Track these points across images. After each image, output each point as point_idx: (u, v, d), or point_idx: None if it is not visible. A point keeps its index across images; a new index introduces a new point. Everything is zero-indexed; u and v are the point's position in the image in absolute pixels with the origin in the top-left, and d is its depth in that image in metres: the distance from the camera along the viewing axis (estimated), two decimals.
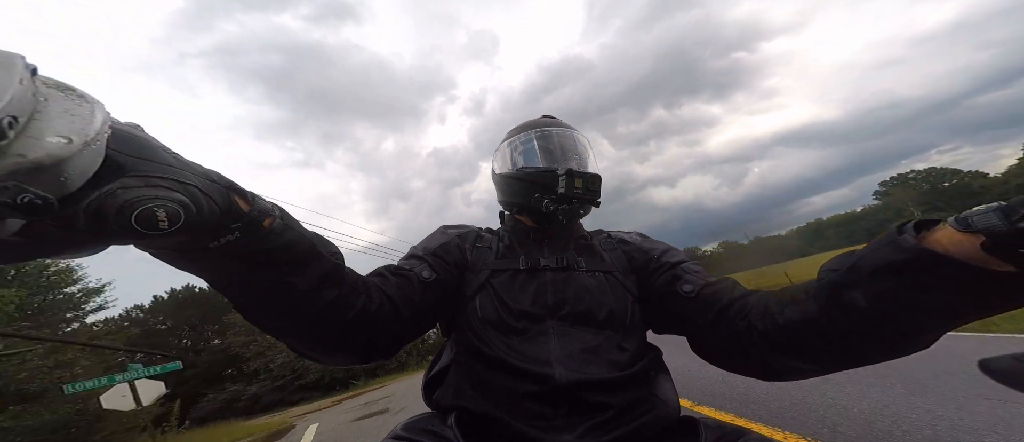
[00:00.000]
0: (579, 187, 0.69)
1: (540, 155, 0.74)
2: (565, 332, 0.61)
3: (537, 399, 0.55)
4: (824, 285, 0.44)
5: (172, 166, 0.32)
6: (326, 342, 0.52)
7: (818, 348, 0.47)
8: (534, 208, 0.72)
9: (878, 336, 0.41)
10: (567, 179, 0.68)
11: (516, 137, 0.79)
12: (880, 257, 0.37)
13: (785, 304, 0.49)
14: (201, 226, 0.33)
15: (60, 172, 0.24)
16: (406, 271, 0.64)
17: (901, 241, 0.36)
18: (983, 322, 5.34)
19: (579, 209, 0.71)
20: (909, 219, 0.39)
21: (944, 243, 0.33)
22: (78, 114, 0.26)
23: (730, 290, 0.59)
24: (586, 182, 0.69)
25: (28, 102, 0.24)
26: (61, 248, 0.28)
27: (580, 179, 0.69)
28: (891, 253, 0.36)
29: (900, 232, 0.37)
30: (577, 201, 0.69)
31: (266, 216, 0.41)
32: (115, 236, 0.29)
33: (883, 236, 0.39)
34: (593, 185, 0.69)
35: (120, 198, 0.28)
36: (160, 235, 0.30)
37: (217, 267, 0.40)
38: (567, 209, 0.70)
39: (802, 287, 0.49)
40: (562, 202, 0.69)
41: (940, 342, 0.42)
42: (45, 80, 0.26)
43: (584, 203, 0.70)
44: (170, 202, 0.30)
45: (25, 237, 0.26)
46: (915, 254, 0.34)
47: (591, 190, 0.69)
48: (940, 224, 0.34)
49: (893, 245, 0.36)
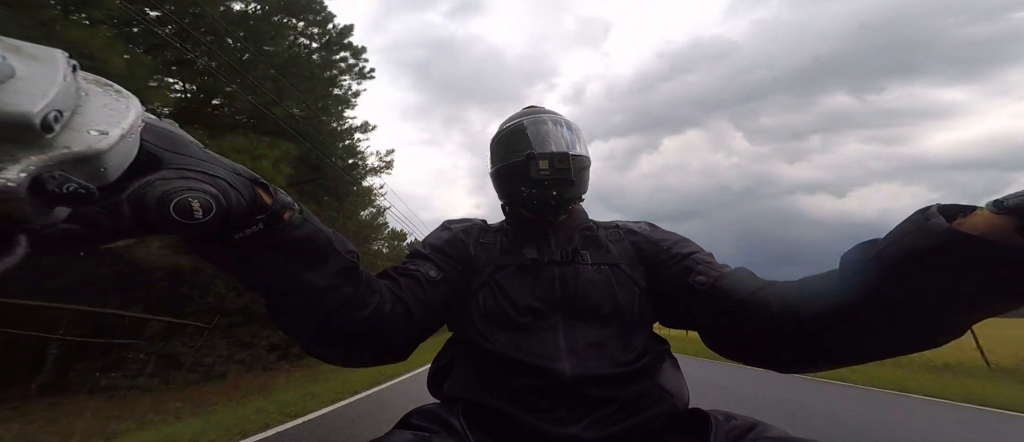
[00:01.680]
0: (545, 168, 0.68)
1: (512, 147, 0.75)
2: (571, 326, 0.61)
3: (543, 393, 0.56)
4: (848, 275, 0.43)
5: (203, 160, 0.34)
6: (340, 341, 0.53)
7: (843, 339, 0.46)
8: (518, 198, 0.73)
9: (906, 326, 0.41)
10: (529, 163, 0.68)
11: (496, 133, 0.80)
12: (908, 244, 0.36)
13: (807, 295, 0.49)
14: (230, 217, 0.35)
15: (100, 163, 0.25)
16: (413, 271, 0.65)
17: (930, 226, 0.34)
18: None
19: (552, 191, 0.69)
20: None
21: (980, 227, 0.32)
22: (115, 108, 0.28)
23: (747, 281, 0.58)
24: (552, 161, 0.68)
25: (71, 97, 0.25)
26: (111, 236, 0.30)
27: (545, 160, 0.68)
28: (920, 239, 0.35)
29: (926, 218, 0.36)
30: (548, 183, 0.69)
31: (287, 209, 0.43)
32: (155, 225, 0.31)
33: (907, 223, 0.38)
34: (560, 163, 0.68)
35: (159, 189, 0.30)
36: (194, 225, 0.32)
37: (241, 260, 0.42)
38: (536, 193, 0.70)
39: (823, 278, 0.48)
40: (533, 186, 0.69)
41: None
42: (85, 76, 0.28)
43: (555, 184, 0.69)
44: (203, 194, 0.32)
45: (80, 225, 0.28)
46: (947, 239, 0.33)
47: (558, 168, 0.68)
48: (975, 209, 0.34)
49: (922, 231, 0.35)
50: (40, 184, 0.22)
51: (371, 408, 4.27)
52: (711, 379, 6.03)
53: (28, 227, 0.24)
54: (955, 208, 0.35)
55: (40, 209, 0.23)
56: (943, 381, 5.68)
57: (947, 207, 0.36)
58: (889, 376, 6.01)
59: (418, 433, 0.51)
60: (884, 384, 5.53)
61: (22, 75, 0.22)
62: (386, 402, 4.57)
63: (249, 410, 4.16)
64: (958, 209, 0.35)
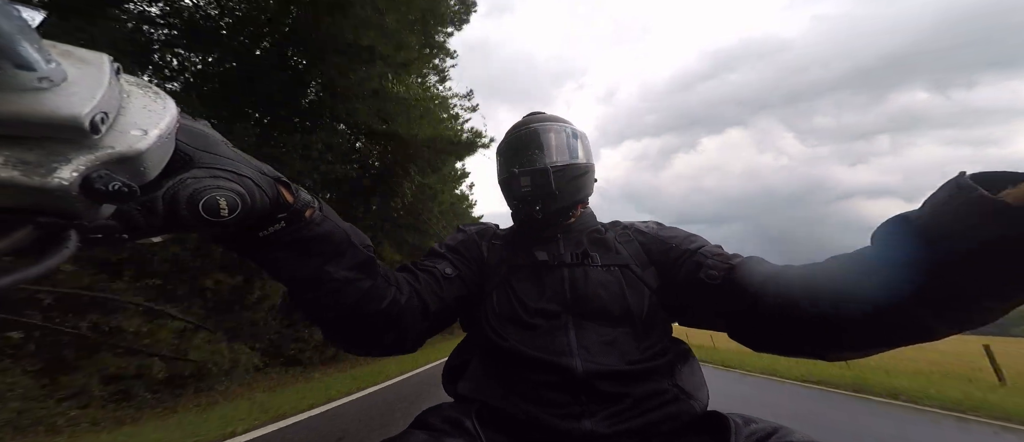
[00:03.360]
0: (527, 186, 0.71)
1: (504, 161, 0.79)
2: (581, 327, 0.62)
3: (556, 388, 0.57)
4: (883, 253, 0.41)
5: (231, 159, 0.35)
6: (359, 331, 0.55)
7: (878, 322, 0.43)
8: (513, 210, 0.77)
9: (946, 307, 0.38)
10: (511, 182, 0.72)
11: (498, 146, 0.84)
12: (952, 218, 0.33)
13: (835, 277, 0.46)
14: (255, 215, 0.37)
15: (140, 162, 0.27)
16: (430, 267, 0.67)
17: (975, 200, 0.31)
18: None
19: (534, 206, 0.72)
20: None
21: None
22: (154, 110, 0.29)
23: (760, 268, 0.57)
24: (533, 177, 0.71)
25: (115, 99, 0.26)
26: (146, 232, 0.32)
27: (526, 177, 0.72)
28: (967, 214, 0.32)
29: (964, 189, 0.32)
30: (530, 199, 0.72)
31: (307, 207, 0.45)
32: (186, 222, 0.32)
33: (945, 194, 0.34)
34: (540, 178, 0.71)
35: (190, 187, 0.31)
36: (221, 223, 0.33)
37: (267, 255, 0.44)
38: (522, 208, 0.73)
39: (851, 257, 0.46)
40: (518, 200, 0.73)
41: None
42: (127, 78, 0.29)
43: (536, 200, 0.72)
44: (230, 192, 0.33)
45: (119, 222, 0.29)
46: (995, 211, 0.30)
47: (538, 184, 0.71)
48: (1022, 180, 0.31)
49: (969, 205, 0.32)
50: (89, 183, 0.23)
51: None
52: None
53: (77, 224, 0.25)
54: (994, 176, 0.32)
55: (88, 207, 0.25)
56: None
57: (981, 176, 0.33)
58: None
59: (432, 433, 0.53)
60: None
61: (73, 79, 0.24)
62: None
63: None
64: (999, 178, 0.32)
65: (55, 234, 0.24)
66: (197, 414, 4.09)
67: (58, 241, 0.24)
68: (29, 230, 0.23)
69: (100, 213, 0.27)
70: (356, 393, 4.83)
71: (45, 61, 0.23)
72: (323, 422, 3.49)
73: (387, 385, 5.48)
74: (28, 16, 0.22)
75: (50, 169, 0.22)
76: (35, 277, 0.23)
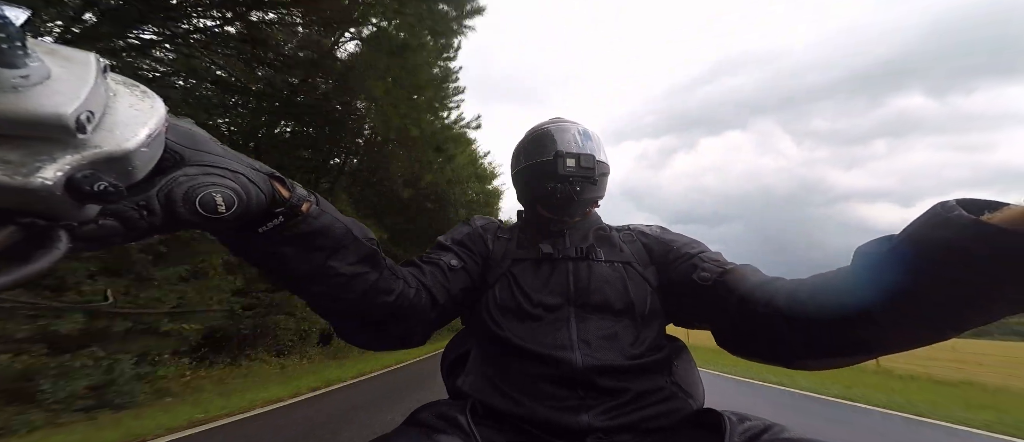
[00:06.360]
0: (572, 165, 0.72)
1: (540, 148, 0.79)
2: (583, 319, 0.63)
3: (555, 382, 0.57)
4: (863, 269, 0.42)
5: (223, 157, 0.35)
6: (368, 324, 0.56)
7: (854, 334, 0.45)
8: (542, 195, 0.76)
9: (919, 320, 0.40)
10: (557, 160, 0.72)
11: (522, 139, 0.85)
12: (931, 237, 0.35)
13: (817, 290, 0.48)
14: (251, 211, 0.36)
15: (128, 162, 0.26)
16: (436, 260, 0.68)
17: (954, 220, 0.33)
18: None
19: (575, 187, 0.73)
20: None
21: (1010, 219, 0.31)
22: (142, 109, 0.29)
23: (751, 276, 0.59)
24: (578, 161, 0.73)
25: (102, 98, 0.26)
26: (146, 232, 0.31)
27: (572, 158, 0.73)
28: (945, 232, 0.34)
29: (947, 211, 0.34)
30: (572, 179, 0.72)
31: (304, 201, 0.44)
32: (185, 220, 0.32)
33: (927, 216, 0.36)
34: (585, 163, 0.73)
35: (184, 185, 0.31)
36: (218, 219, 0.33)
37: (266, 252, 0.44)
38: (561, 188, 0.73)
39: (835, 273, 0.47)
40: (558, 181, 0.73)
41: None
42: (114, 77, 0.29)
43: (579, 181, 0.73)
44: (226, 189, 0.33)
45: (117, 222, 0.29)
46: (974, 232, 0.32)
47: (584, 167, 0.73)
48: (1005, 205, 0.32)
49: (946, 224, 0.34)
50: (74, 183, 0.23)
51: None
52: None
53: (65, 224, 0.25)
54: (978, 203, 0.34)
55: (73, 207, 0.24)
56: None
57: (967, 201, 0.35)
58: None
59: (425, 430, 0.53)
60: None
61: (57, 77, 0.23)
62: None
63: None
64: (983, 204, 0.34)
65: (43, 235, 0.24)
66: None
67: (47, 242, 0.24)
68: (12, 231, 0.23)
69: (87, 213, 0.26)
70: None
71: (28, 59, 0.22)
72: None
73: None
74: (11, 14, 0.22)
75: (33, 169, 0.22)
76: (24, 280, 0.23)
